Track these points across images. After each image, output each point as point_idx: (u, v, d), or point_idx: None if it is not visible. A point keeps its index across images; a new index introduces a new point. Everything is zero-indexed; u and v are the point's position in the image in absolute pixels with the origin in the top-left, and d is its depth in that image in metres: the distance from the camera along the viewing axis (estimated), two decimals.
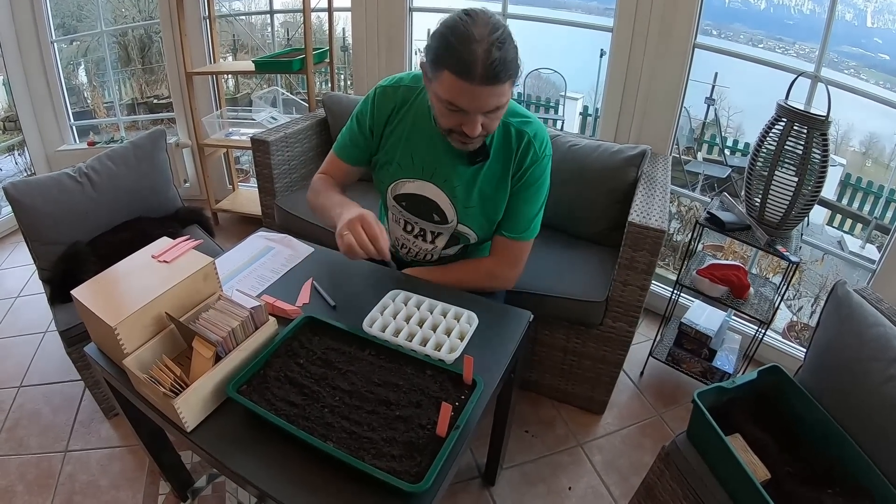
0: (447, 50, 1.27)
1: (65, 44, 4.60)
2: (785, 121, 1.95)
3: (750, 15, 6.07)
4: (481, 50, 1.23)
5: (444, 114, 1.40)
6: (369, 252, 1.43)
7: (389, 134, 1.66)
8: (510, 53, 1.28)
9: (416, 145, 1.62)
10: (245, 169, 4.74)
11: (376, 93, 1.65)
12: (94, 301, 1.29)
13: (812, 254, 3.69)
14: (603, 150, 2.34)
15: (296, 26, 5.66)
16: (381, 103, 1.64)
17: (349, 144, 1.74)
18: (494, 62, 1.24)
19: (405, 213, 1.74)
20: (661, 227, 1.87)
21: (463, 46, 1.24)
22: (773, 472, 1.40)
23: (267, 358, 1.30)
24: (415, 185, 1.66)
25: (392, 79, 1.65)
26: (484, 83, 1.27)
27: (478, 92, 1.29)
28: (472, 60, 1.24)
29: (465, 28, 1.25)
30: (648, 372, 2.58)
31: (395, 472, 1.04)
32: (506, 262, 1.73)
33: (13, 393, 2.43)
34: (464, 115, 1.36)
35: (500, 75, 1.27)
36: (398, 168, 1.67)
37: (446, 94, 1.32)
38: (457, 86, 1.29)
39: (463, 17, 1.27)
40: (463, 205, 1.64)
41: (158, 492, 1.99)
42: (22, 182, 2.18)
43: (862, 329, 1.48)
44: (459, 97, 1.31)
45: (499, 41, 1.25)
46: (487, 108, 1.34)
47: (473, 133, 1.38)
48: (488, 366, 1.35)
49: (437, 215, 1.69)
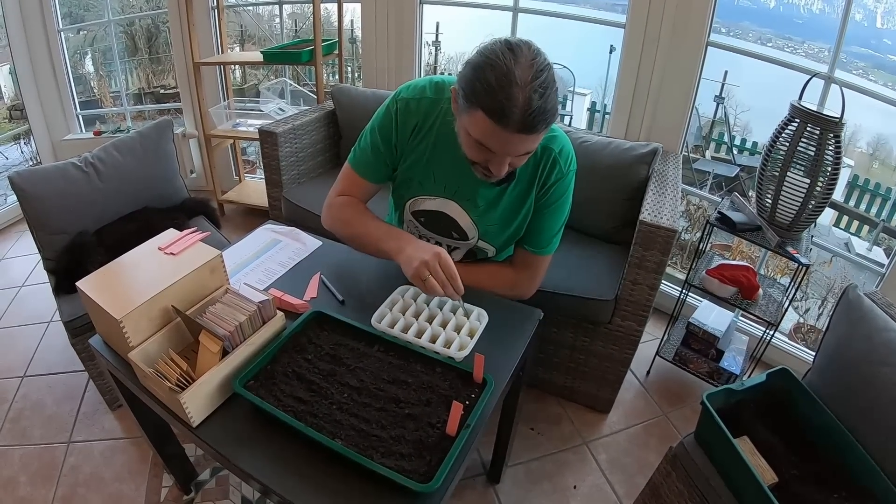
0: (485, 89, 1.16)
1: (72, 33, 4.58)
2: (798, 121, 1.93)
3: (759, 13, 6.02)
4: (522, 97, 1.14)
5: (470, 148, 1.32)
6: (449, 294, 1.37)
7: (412, 150, 1.56)
8: (551, 101, 1.18)
9: (439, 164, 1.54)
10: (252, 160, 4.72)
11: (398, 106, 1.52)
12: (99, 293, 1.28)
13: (819, 255, 3.66)
14: (614, 147, 2.33)
15: (304, 17, 5.64)
16: (405, 118, 1.52)
17: (372, 161, 1.60)
18: (534, 112, 1.15)
19: (422, 229, 1.70)
20: (673, 227, 1.85)
21: (502, 89, 1.14)
22: (781, 474, 1.39)
23: (274, 353, 1.29)
24: (435, 202, 1.61)
25: (414, 89, 1.52)
26: (520, 132, 1.18)
27: (511, 139, 1.20)
28: (510, 107, 1.14)
29: (506, 68, 1.14)
30: (655, 371, 2.56)
31: (404, 472, 1.02)
32: (526, 274, 1.67)
33: (17, 383, 2.42)
34: (491, 154, 1.28)
35: (539, 126, 1.19)
36: (419, 186, 1.61)
37: (477, 134, 1.24)
38: (490, 129, 1.20)
39: (505, 53, 1.16)
40: (485, 224, 1.60)
41: (162, 485, 1.98)
42: (27, 171, 2.17)
43: (872, 333, 1.46)
44: (490, 140, 1.23)
45: (541, 87, 1.15)
46: (518, 153, 1.28)
47: (500, 174, 1.32)
48: (498, 364, 1.34)
49: (455, 232, 1.65)
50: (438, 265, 1.35)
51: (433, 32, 6.03)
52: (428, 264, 1.35)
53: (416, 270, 1.35)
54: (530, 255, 1.64)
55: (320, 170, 3.05)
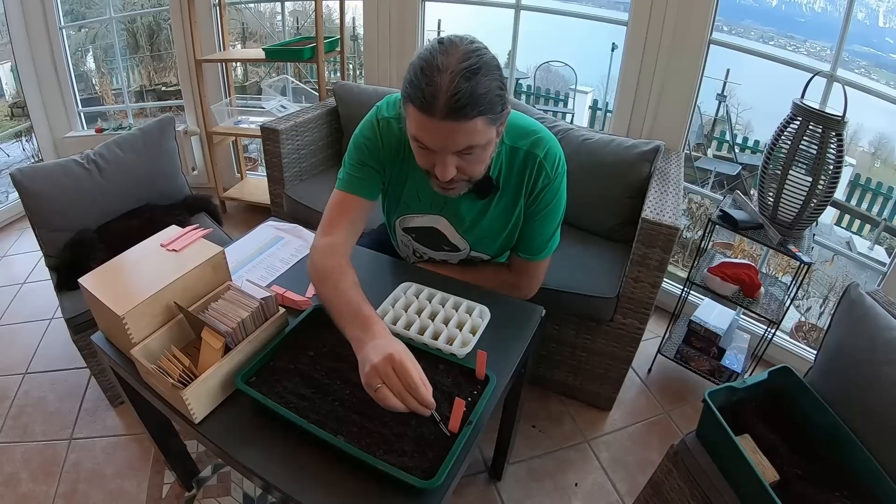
0: (412, 81, 1.14)
1: (73, 30, 4.58)
2: (800, 120, 1.92)
3: (761, 11, 6.02)
4: (445, 80, 1.10)
5: (417, 153, 1.28)
6: (411, 408, 1.06)
7: (396, 169, 1.52)
8: (482, 86, 1.12)
9: (421, 182, 1.46)
10: (253, 157, 4.72)
11: (379, 123, 1.46)
12: (101, 290, 1.28)
13: (821, 254, 3.66)
14: (616, 144, 2.32)
15: (305, 15, 5.64)
16: (388, 137, 1.46)
17: (361, 177, 1.49)
18: (458, 94, 1.09)
19: (414, 244, 1.70)
20: (675, 225, 1.85)
21: (426, 76, 1.11)
22: (782, 473, 1.39)
23: (276, 350, 1.29)
24: (424, 219, 1.60)
25: (393, 106, 1.47)
26: (447, 118, 1.12)
27: (441, 128, 1.15)
28: (433, 92, 1.10)
29: (432, 57, 1.12)
30: (656, 369, 2.56)
31: (406, 468, 1.03)
32: (524, 278, 1.66)
33: (18, 380, 2.42)
34: (434, 155, 1.23)
35: (466, 109, 1.11)
36: (405, 205, 1.59)
37: (412, 130, 1.21)
38: (419, 120, 1.16)
39: (435, 47, 1.14)
40: (473, 237, 1.59)
41: (163, 481, 1.98)
42: (29, 168, 2.17)
43: (875, 332, 1.46)
44: (424, 134, 1.19)
45: (468, 71, 1.10)
46: (456, 148, 1.19)
47: (444, 176, 1.23)
48: (500, 361, 1.34)
49: (447, 246, 1.64)
50: (392, 371, 1.07)
51: (435, 30, 6.03)
52: (377, 369, 1.07)
53: (366, 378, 1.09)
54: (525, 262, 1.63)
55: (322, 167, 3.05)
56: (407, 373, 1.06)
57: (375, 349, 1.10)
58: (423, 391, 1.06)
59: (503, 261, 1.83)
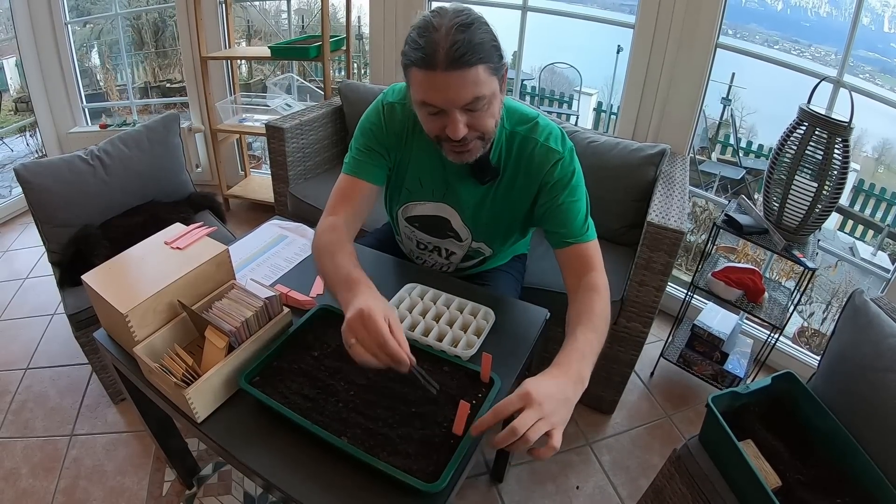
0: (411, 46, 1.18)
1: (78, 26, 4.58)
2: (807, 125, 1.92)
3: (766, 16, 6.01)
4: (443, 36, 1.13)
5: (426, 120, 1.28)
6: (385, 364, 1.08)
7: (399, 155, 1.52)
8: (478, 36, 1.15)
9: (423, 168, 1.51)
10: (257, 155, 4.72)
11: (385, 110, 1.49)
12: (105, 287, 1.28)
13: (824, 259, 3.67)
14: (622, 147, 2.32)
15: (310, 13, 5.64)
16: (391, 122, 1.48)
17: (367, 161, 1.50)
18: (457, 43, 1.13)
19: (418, 234, 1.68)
20: (680, 228, 1.84)
21: (423, 37, 1.15)
22: (784, 479, 1.39)
23: (280, 349, 1.28)
24: (427, 206, 1.59)
25: (398, 92, 1.50)
26: (449, 68, 1.14)
27: (445, 80, 1.16)
28: (433, 48, 1.14)
29: (426, 21, 1.17)
30: (659, 373, 2.56)
31: (410, 471, 1.02)
32: (587, 269, 1.42)
33: (20, 375, 2.42)
34: (444, 116, 1.23)
35: (467, 56, 1.14)
36: (408, 193, 1.58)
37: (418, 94, 1.22)
38: (423, 79, 1.18)
39: (427, 14, 1.20)
40: (475, 224, 1.58)
41: (164, 479, 1.98)
42: (33, 163, 2.17)
43: (879, 339, 1.45)
44: (429, 92, 1.20)
45: (462, 24, 1.14)
46: (463, 101, 1.19)
47: (456, 133, 1.23)
48: (504, 363, 1.33)
49: (451, 232, 1.63)
50: (362, 326, 1.08)
51: None
52: (349, 325, 1.09)
53: (343, 336, 1.10)
54: (575, 248, 1.43)
55: (327, 165, 3.05)
56: (375, 326, 1.07)
57: (353, 307, 1.11)
58: (393, 345, 1.07)
59: (506, 260, 1.83)
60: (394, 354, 1.06)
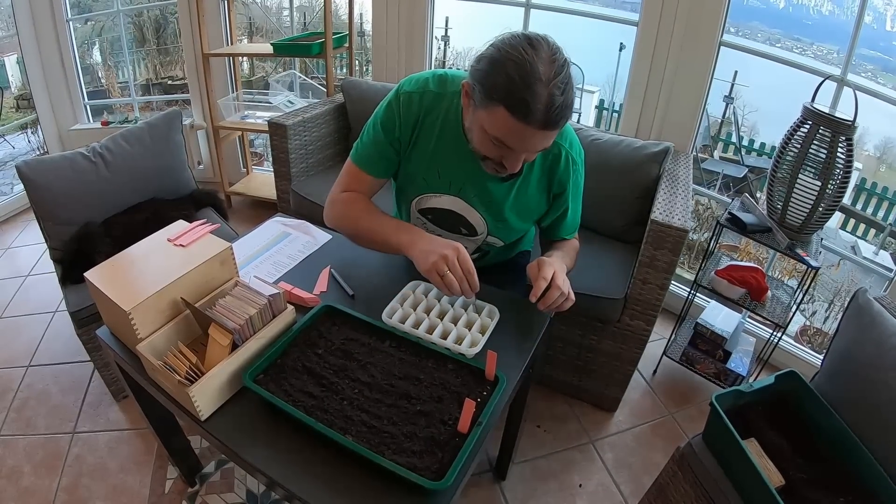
0: (507, 85, 1.14)
1: (80, 23, 4.58)
2: (810, 124, 1.91)
3: (769, 13, 6.01)
4: (546, 93, 1.12)
5: (485, 145, 1.28)
6: (465, 291, 1.33)
7: (414, 146, 1.51)
8: (570, 96, 1.18)
9: (443, 160, 1.50)
10: (259, 152, 4.72)
11: (400, 99, 1.47)
12: (108, 284, 1.27)
13: (826, 258, 3.67)
14: (625, 145, 2.32)
15: (312, 10, 5.63)
16: (407, 112, 1.46)
17: (375, 156, 1.53)
18: (557, 108, 1.14)
19: (430, 226, 1.67)
20: (684, 227, 1.84)
21: (526, 86, 1.12)
22: (788, 477, 1.39)
23: (284, 347, 1.28)
24: (441, 200, 1.58)
25: (416, 83, 1.47)
26: (542, 128, 1.16)
27: (534, 136, 1.19)
28: (534, 103, 1.12)
29: (529, 63, 1.12)
30: (661, 371, 2.56)
31: (415, 469, 1.01)
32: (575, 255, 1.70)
33: (22, 372, 2.42)
34: (507, 150, 1.25)
35: (560, 122, 1.18)
36: (424, 184, 1.56)
37: (496, 131, 1.21)
38: (511, 126, 1.17)
39: (526, 49, 1.13)
40: (495, 219, 1.58)
41: (166, 476, 1.98)
42: (35, 160, 2.17)
43: (882, 338, 1.45)
44: (511, 137, 1.21)
45: (563, 83, 1.14)
46: (537, 150, 1.29)
47: (514, 169, 1.31)
48: (508, 361, 1.33)
49: (465, 228, 1.62)
50: (457, 261, 1.32)
51: (442, 27, 6.03)
52: (447, 259, 1.31)
53: (433, 265, 1.31)
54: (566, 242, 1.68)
55: (329, 163, 3.05)
56: (467, 261, 1.33)
57: (437, 243, 1.36)
58: (476, 278, 1.34)
59: (511, 256, 1.86)
60: (475, 285, 1.34)
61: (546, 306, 1.37)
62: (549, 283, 1.36)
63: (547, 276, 1.36)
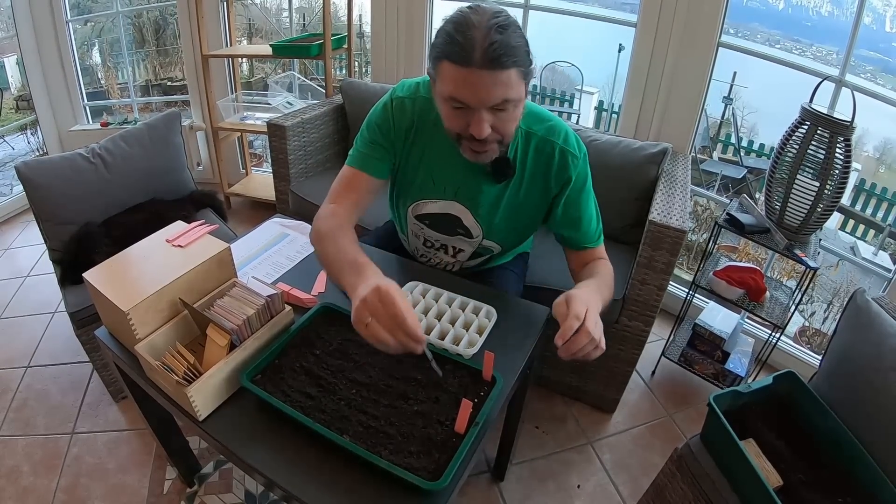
0: (445, 39, 1.17)
1: (80, 24, 4.58)
2: (808, 124, 1.91)
3: (768, 15, 6.02)
4: (480, 34, 1.12)
5: (449, 115, 1.27)
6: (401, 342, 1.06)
7: (408, 151, 1.51)
8: (514, 39, 1.15)
9: (435, 164, 1.50)
10: (259, 153, 4.72)
11: (393, 103, 1.48)
12: (106, 285, 1.28)
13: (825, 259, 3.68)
14: (624, 146, 2.32)
15: (311, 12, 5.64)
16: (400, 117, 1.47)
17: (372, 155, 1.50)
18: (494, 44, 1.12)
19: (427, 231, 1.66)
20: (682, 227, 1.84)
21: (460, 33, 1.14)
22: (786, 478, 1.39)
23: (282, 347, 1.28)
24: (438, 205, 1.57)
25: (408, 88, 1.49)
26: (484, 67, 1.13)
27: (479, 78, 1.15)
28: (470, 45, 1.13)
29: (464, 17, 1.16)
30: (660, 372, 2.56)
31: (412, 469, 1.02)
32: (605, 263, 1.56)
33: (21, 373, 2.42)
34: (469, 113, 1.22)
35: (503, 59, 1.13)
36: (418, 190, 1.56)
37: (447, 88, 1.21)
38: (456, 74, 1.17)
39: (464, 9, 1.18)
40: (489, 222, 1.57)
41: (165, 477, 1.98)
42: (34, 161, 2.17)
43: (881, 339, 1.45)
44: (460, 88, 1.18)
45: (500, 25, 1.14)
46: (492, 101, 1.19)
47: (480, 132, 1.22)
48: (506, 362, 1.33)
49: (461, 230, 1.61)
50: (378, 302, 1.06)
51: None
52: (367, 303, 1.07)
53: (356, 318, 1.08)
54: (590, 252, 1.58)
55: (328, 164, 3.05)
56: (393, 303, 1.05)
57: (365, 287, 1.09)
58: (411, 322, 1.05)
59: (510, 258, 1.84)
60: (412, 331, 1.05)
61: (570, 354, 1.15)
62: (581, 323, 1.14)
63: (580, 314, 1.15)
